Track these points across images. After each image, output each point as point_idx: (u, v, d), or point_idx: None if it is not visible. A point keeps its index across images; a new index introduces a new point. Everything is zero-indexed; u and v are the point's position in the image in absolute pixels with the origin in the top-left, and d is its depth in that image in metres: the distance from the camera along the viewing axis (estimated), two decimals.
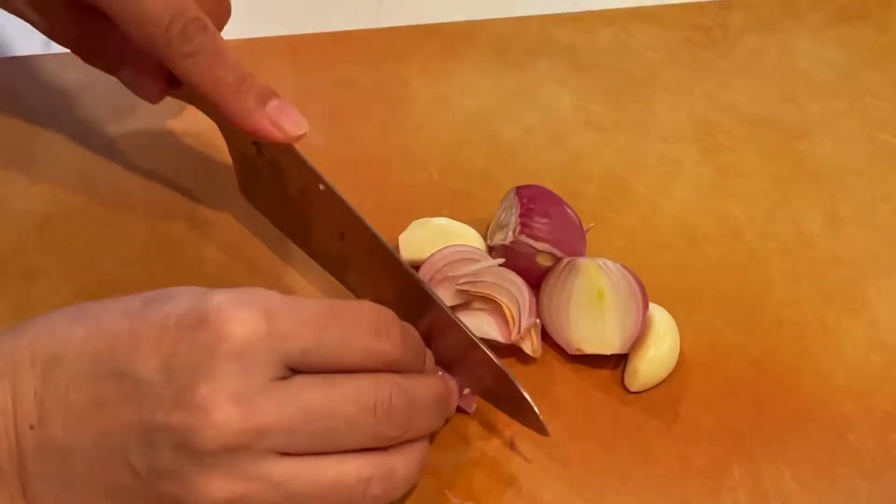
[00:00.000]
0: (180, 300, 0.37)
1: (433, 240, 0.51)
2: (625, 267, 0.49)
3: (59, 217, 0.55)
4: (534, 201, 0.51)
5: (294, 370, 0.38)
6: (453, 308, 0.47)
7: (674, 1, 0.70)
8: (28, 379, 0.37)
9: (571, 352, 0.48)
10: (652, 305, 0.49)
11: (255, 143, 0.50)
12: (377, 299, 0.43)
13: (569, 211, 0.51)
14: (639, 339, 0.48)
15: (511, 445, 0.46)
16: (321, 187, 0.48)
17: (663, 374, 0.48)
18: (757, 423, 0.47)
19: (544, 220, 0.50)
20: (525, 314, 0.48)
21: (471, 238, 0.52)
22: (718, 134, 0.62)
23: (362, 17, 0.68)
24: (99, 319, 0.38)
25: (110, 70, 0.52)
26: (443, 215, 0.53)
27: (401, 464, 0.39)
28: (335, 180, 0.48)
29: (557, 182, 0.58)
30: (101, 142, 0.58)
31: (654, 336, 0.48)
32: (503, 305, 0.48)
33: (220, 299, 0.37)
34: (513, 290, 0.48)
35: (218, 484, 0.36)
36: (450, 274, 0.49)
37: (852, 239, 0.56)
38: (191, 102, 0.53)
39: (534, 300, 0.49)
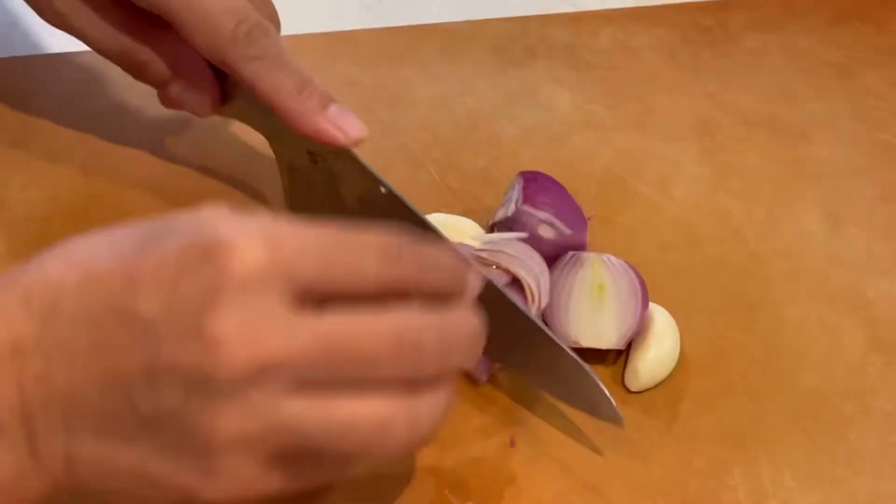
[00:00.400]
0: (178, 234, 0.35)
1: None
2: (628, 264, 0.49)
3: (59, 217, 0.55)
4: (536, 180, 0.51)
5: (314, 303, 0.35)
6: None
7: (674, 1, 0.70)
8: (28, 329, 0.36)
9: (569, 344, 0.48)
10: (652, 305, 0.49)
11: (309, 152, 0.50)
12: None
13: (569, 195, 0.52)
14: (638, 338, 0.49)
15: (511, 444, 0.46)
16: (382, 190, 0.48)
17: (663, 374, 0.48)
18: (757, 423, 0.47)
19: (546, 195, 0.50)
20: (545, 292, 0.48)
21: (469, 230, 0.52)
22: (718, 134, 0.62)
23: (362, 17, 0.68)
24: (93, 261, 0.36)
25: (160, 84, 0.52)
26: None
27: (426, 407, 0.36)
28: None
29: None
30: (101, 142, 0.58)
31: (654, 336, 0.48)
32: (523, 281, 0.48)
33: (221, 229, 0.35)
34: (534, 266, 0.48)
35: (229, 421, 0.34)
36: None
37: (852, 239, 0.56)
38: (240, 118, 0.52)
39: (545, 273, 0.48)
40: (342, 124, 0.46)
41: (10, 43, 0.63)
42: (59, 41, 0.64)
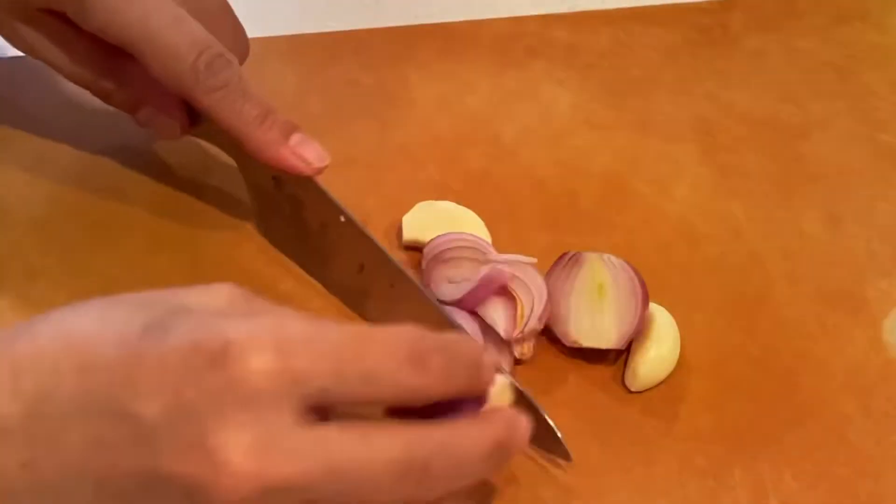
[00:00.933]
0: (183, 330, 0.33)
1: (436, 223, 0.52)
2: (628, 264, 0.49)
3: (59, 217, 0.55)
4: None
5: (323, 408, 0.34)
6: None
7: (674, 1, 0.70)
8: (14, 412, 0.33)
9: (569, 343, 0.48)
10: (653, 305, 0.49)
11: (274, 177, 0.50)
12: None
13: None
14: (639, 338, 0.49)
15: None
16: (342, 219, 0.49)
17: (663, 374, 0.48)
18: (757, 423, 0.47)
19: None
20: (535, 316, 0.48)
21: (474, 224, 0.52)
22: (718, 134, 0.62)
23: (362, 17, 0.68)
24: (90, 350, 0.34)
25: (129, 109, 0.52)
26: None
27: None
28: (335, 180, 0.48)
29: (557, 182, 0.58)
30: (101, 142, 0.58)
31: (654, 336, 0.48)
32: (518, 301, 0.48)
33: (229, 335, 0.32)
34: (532, 290, 0.48)
35: None
36: (449, 257, 0.49)
37: (852, 239, 0.56)
38: (209, 140, 0.53)
39: (548, 307, 0.48)
40: (304, 153, 0.47)
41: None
42: None
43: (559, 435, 0.44)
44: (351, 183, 0.50)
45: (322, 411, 0.34)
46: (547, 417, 0.44)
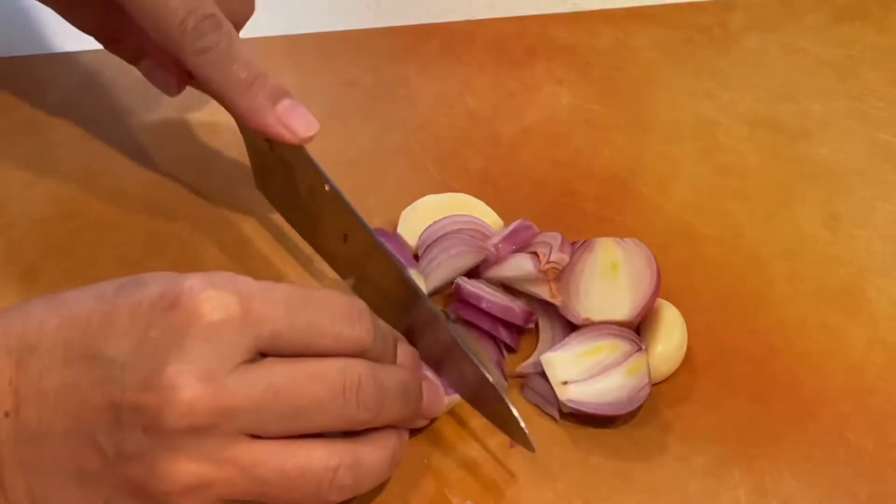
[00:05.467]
0: (153, 284, 0.37)
1: (439, 213, 0.52)
2: (642, 242, 0.50)
3: (59, 217, 0.55)
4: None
5: (264, 354, 0.38)
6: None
7: (674, 1, 0.70)
8: (3, 367, 0.37)
9: (578, 322, 0.48)
10: (660, 300, 0.49)
11: (266, 139, 0.50)
12: (376, 303, 0.43)
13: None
14: (646, 333, 0.49)
15: (511, 445, 0.46)
16: (326, 188, 0.48)
17: (671, 368, 0.48)
18: (757, 423, 0.47)
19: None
20: (556, 249, 0.49)
21: (483, 209, 0.53)
22: (718, 134, 0.62)
23: (362, 17, 0.68)
24: (72, 306, 0.37)
25: (131, 60, 0.53)
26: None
27: (370, 454, 0.39)
28: (335, 180, 0.48)
29: (557, 182, 0.58)
30: (100, 142, 0.58)
31: (662, 331, 0.48)
32: (538, 251, 0.49)
33: (192, 282, 0.37)
34: (549, 239, 0.50)
35: (185, 466, 0.35)
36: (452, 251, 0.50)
37: (852, 239, 0.56)
38: (211, 95, 0.53)
39: (567, 245, 0.50)
40: (291, 122, 0.46)
41: (10, 43, 0.64)
42: (59, 41, 0.64)
43: (522, 425, 0.43)
44: (351, 183, 0.50)
45: None
46: (511, 407, 0.43)
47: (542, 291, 0.49)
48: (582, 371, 0.46)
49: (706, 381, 0.49)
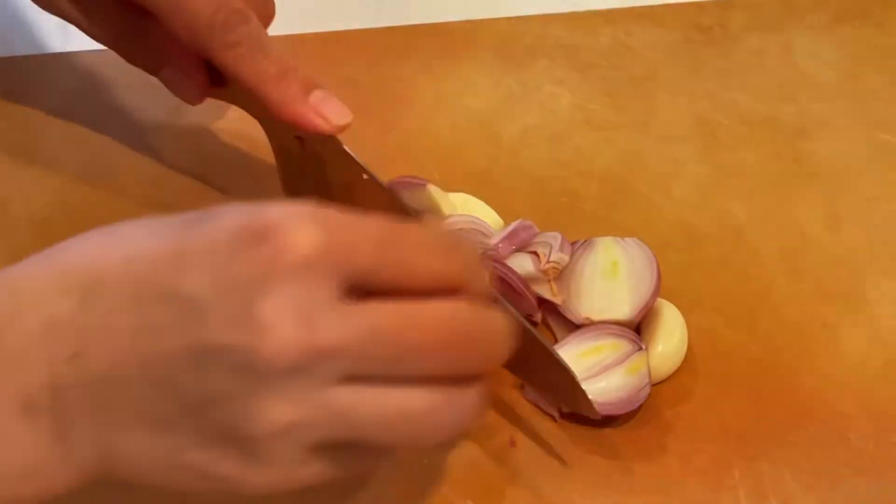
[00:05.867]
0: (228, 217, 0.34)
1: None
2: (642, 242, 0.50)
3: (59, 217, 0.55)
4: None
5: (365, 292, 0.35)
6: None
7: (674, 1, 0.70)
8: (63, 308, 0.34)
9: (578, 322, 0.48)
10: (660, 300, 0.49)
11: (297, 136, 0.50)
12: None
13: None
14: (646, 332, 0.49)
15: (511, 444, 0.46)
16: (364, 177, 0.48)
17: (671, 368, 0.48)
18: (757, 423, 0.47)
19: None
20: (556, 250, 0.49)
21: (483, 212, 0.53)
22: (718, 134, 0.62)
23: (362, 16, 0.68)
24: (137, 241, 0.35)
25: (151, 69, 0.52)
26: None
27: (469, 399, 0.36)
28: None
29: (557, 182, 0.58)
30: (101, 142, 0.58)
31: (662, 331, 0.48)
32: (538, 251, 0.49)
33: (276, 212, 0.33)
34: (549, 239, 0.50)
35: (277, 408, 0.32)
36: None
37: (852, 239, 0.56)
38: (232, 102, 0.52)
39: (567, 245, 0.50)
40: (324, 111, 0.46)
41: (10, 43, 0.64)
42: (59, 41, 0.64)
43: (585, 391, 0.44)
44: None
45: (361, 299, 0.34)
46: (574, 375, 0.44)
47: (544, 290, 0.49)
48: (582, 371, 0.46)
49: (706, 381, 0.49)
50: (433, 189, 0.48)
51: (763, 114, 0.63)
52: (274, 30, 0.65)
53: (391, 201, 0.48)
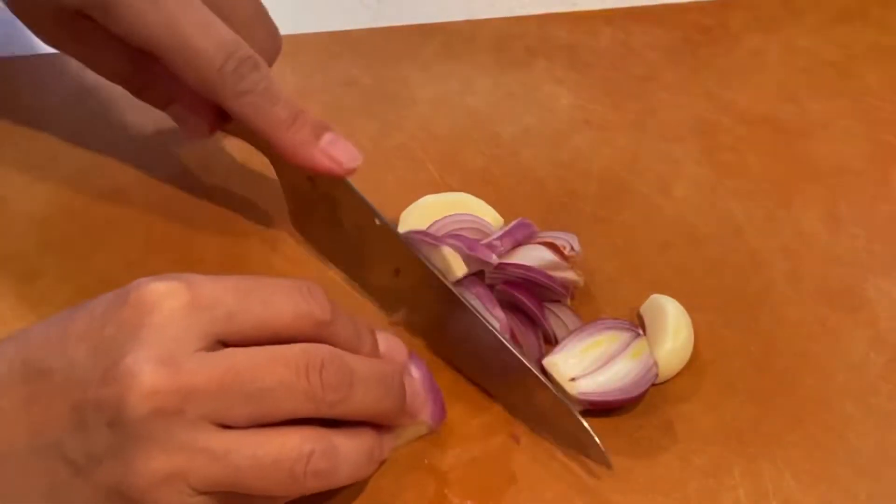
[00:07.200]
0: (105, 295, 0.38)
1: (439, 213, 0.52)
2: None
3: (59, 217, 0.55)
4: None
5: (224, 344, 0.37)
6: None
7: (674, 1, 0.70)
8: None
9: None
10: (662, 297, 0.49)
11: (308, 177, 0.50)
12: (432, 330, 0.45)
13: None
14: (651, 331, 0.49)
15: (515, 439, 0.46)
16: (377, 222, 0.48)
17: (679, 365, 0.48)
18: (757, 423, 0.47)
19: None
20: (575, 244, 0.50)
21: (483, 211, 0.53)
22: (718, 133, 0.62)
23: (362, 17, 0.68)
24: (31, 332, 0.38)
25: (159, 105, 0.52)
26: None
27: (346, 443, 0.38)
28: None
29: (557, 182, 0.58)
30: (101, 142, 0.58)
31: (669, 328, 0.48)
32: (555, 242, 0.50)
33: (140, 280, 0.37)
34: (559, 233, 0.51)
35: (156, 459, 0.35)
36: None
37: (852, 239, 0.56)
38: (241, 137, 0.53)
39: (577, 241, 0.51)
40: (335, 154, 0.47)
41: (10, 43, 0.64)
42: None
43: (597, 440, 0.44)
44: (351, 183, 0.50)
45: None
46: (583, 422, 0.44)
47: (567, 276, 0.49)
48: (587, 365, 0.46)
49: (706, 381, 0.49)
50: (447, 251, 0.48)
51: (763, 114, 0.63)
52: None
53: (402, 248, 0.48)
